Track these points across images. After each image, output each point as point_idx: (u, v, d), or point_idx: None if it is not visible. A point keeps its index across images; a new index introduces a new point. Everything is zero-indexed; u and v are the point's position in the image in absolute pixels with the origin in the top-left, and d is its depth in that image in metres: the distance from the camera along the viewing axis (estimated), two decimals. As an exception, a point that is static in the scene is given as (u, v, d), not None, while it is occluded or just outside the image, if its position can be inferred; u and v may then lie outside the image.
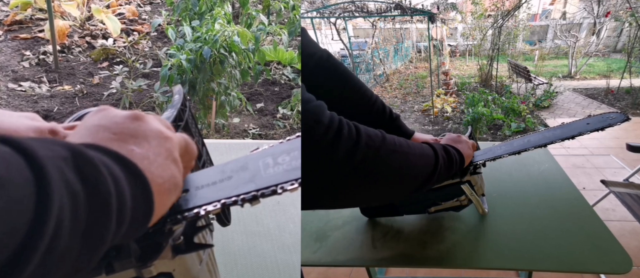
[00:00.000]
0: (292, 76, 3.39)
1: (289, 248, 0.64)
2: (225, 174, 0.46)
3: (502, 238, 0.88)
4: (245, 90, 3.27)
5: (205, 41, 2.26)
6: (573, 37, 8.45)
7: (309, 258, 0.88)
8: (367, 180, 0.49)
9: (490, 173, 1.17)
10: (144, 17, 4.07)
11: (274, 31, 2.67)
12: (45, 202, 0.21)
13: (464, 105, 5.47)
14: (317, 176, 0.46)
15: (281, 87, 3.37)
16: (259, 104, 3.15)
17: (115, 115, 0.35)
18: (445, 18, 8.74)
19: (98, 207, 0.25)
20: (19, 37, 3.56)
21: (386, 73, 8.57)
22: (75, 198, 0.23)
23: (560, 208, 0.99)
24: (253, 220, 0.71)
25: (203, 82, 2.29)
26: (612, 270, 0.77)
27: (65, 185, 0.23)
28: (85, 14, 3.86)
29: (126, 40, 3.66)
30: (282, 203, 0.75)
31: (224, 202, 0.43)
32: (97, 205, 0.25)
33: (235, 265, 0.63)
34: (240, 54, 2.36)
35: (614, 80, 6.36)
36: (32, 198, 0.20)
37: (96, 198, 0.25)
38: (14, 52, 3.41)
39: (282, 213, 0.72)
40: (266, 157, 0.46)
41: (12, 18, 3.70)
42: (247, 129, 2.89)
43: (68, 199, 0.23)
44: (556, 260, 0.80)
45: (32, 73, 3.22)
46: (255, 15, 2.80)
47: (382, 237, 0.93)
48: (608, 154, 3.53)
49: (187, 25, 2.40)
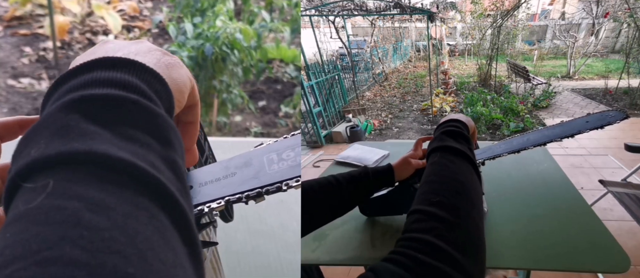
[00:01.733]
0: (295, 74, 3.38)
1: (292, 247, 0.65)
2: (229, 170, 0.46)
3: (501, 237, 0.89)
4: (247, 88, 3.26)
5: (207, 38, 2.26)
6: (572, 38, 8.46)
7: (308, 256, 0.89)
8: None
9: (489, 172, 1.18)
10: (145, 13, 4.06)
11: (276, 28, 2.66)
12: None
13: (463, 105, 5.48)
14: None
15: (283, 85, 3.37)
16: (261, 102, 3.15)
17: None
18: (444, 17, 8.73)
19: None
20: (18, 33, 3.56)
21: (385, 72, 8.56)
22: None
23: (559, 207, 1.00)
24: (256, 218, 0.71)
25: (205, 79, 2.29)
26: (610, 269, 0.78)
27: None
28: (85, 10, 3.85)
29: (127, 36, 3.65)
30: (286, 201, 0.75)
31: (228, 199, 0.43)
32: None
33: (238, 263, 0.63)
34: (242, 51, 2.36)
35: (612, 81, 6.37)
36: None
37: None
38: (13, 48, 3.41)
39: (286, 212, 0.72)
40: (270, 152, 0.46)
41: (12, 14, 3.68)
42: (249, 127, 2.89)
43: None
44: (554, 259, 0.81)
45: (31, 69, 3.22)
46: (257, 12, 2.80)
47: (381, 236, 0.94)
48: (606, 154, 3.54)
49: (189, 22, 2.40)
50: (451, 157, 0.59)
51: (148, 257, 0.20)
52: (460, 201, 0.49)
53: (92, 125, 0.24)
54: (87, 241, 0.18)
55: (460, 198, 0.50)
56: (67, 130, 0.23)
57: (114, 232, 0.19)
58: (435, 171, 0.57)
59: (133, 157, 0.23)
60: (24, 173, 0.22)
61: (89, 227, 0.19)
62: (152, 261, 0.20)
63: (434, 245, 0.42)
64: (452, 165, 0.58)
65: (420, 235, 0.44)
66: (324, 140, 4.54)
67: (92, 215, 0.20)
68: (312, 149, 4.38)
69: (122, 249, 0.19)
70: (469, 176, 0.56)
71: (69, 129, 0.23)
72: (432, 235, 0.43)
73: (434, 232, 0.44)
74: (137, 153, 0.24)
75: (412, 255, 0.41)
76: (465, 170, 0.57)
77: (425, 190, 0.53)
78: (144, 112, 0.26)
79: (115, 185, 0.22)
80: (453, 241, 0.43)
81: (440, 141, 0.64)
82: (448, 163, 0.58)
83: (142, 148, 0.24)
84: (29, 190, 0.21)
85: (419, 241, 0.43)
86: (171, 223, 0.23)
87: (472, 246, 0.44)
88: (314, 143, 4.51)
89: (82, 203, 0.20)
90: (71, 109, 0.25)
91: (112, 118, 0.25)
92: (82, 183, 0.21)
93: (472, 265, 0.42)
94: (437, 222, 0.45)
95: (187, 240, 0.23)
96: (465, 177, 0.55)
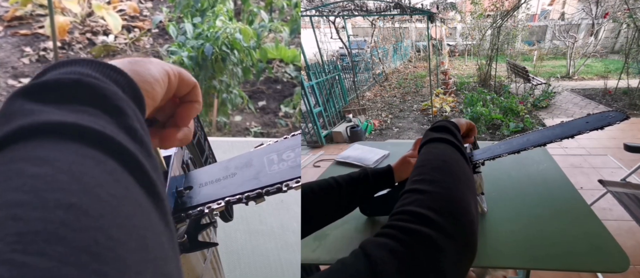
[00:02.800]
0: (294, 74, 3.39)
1: (292, 247, 0.65)
2: (229, 171, 0.46)
3: (501, 237, 0.89)
4: (247, 88, 3.27)
5: (207, 38, 2.26)
6: (571, 38, 8.46)
7: (308, 256, 0.89)
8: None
9: (489, 172, 1.18)
10: (145, 13, 4.06)
11: (276, 28, 2.67)
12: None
13: (463, 105, 5.48)
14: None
15: (283, 85, 3.37)
16: (261, 101, 3.15)
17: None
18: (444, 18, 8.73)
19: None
20: (19, 33, 3.56)
21: (385, 72, 8.56)
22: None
23: (559, 207, 1.00)
24: (256, 218, 0.71)
25: (204, 79, 2.29)
26: (609, 269, 0.78)
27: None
28: (85, 10, 3.85)
29: (127, 37, 3.65)
30: (285, 201, 0.75)
31: (228, 200, 0.43)
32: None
33: (238, 263, 0.63)
34: (242, 51, 2.36)
35: (612, 81, 6.37)
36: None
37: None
38: (13, 48, 3.41)
39: (285, 212, 0.72)
40: (271, 153, 0.46)
41: (12, 14, 3.69)
42: (248, 127, 2.89)
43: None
44: (554, 258, 0.81)
45: (32, 69, 3.22)
46: (257, 12, 2.80)
47: (382, 235, 0.94)
48: (605, 154, 3.54)
49: (189, 22, 2.40)
50: (435, 144, 0.63)
51: (95, 191, 0.20)
52: (442, 174, 0.52)
53: (36, 105, 0.24)
54: (29, 186, 0.19)
55: (441, 172, 0.52)
56: (11, 115, 0.24)
57: (58, 175, 0.20)
58: (421, 158, 0.60)
59: (76, 120, 0.23)
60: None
61: (32, 176, 0.19)
62: (99, 193, 0.20)
63: (416, 213, 0.44)
64: (435, 149, 0.61)
65: (404, 208, 0.46)
66: (324, 140, 4.54)
67: (35, 168, 0.20)
68: (312, 149, 4.38)
69: (66, 187, 0.19)
70: (450, 154, 0.59)
71: (13, 113, 0.24)
72: (414, 205, 0.45)
73: (416, 203, 0.46)
74: (82, 118, 0.24)
75: (396, 224, 0.43)
76: (446, 150, 0.60)
77: (412, 175, 0.55)
78: (88, 88, 0.26)
79: (60, 143, 0.22)
80: (433, 207, 0.44)
81: (426, 137, 0.68)
82: (431, 150, 0.62)
83: (88, 116, 0.24)
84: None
85: (402, 213, 0.45)
86: (122, 168, 0.23)
87: (455, 210, 0.45)
88: (314, 144, 4.51)
89: (27, 162, 0.20)
90: (15, 99, 0.25)
91: (55, 97, 0.25)
92: (26, 149, 0.21)
93: (456, 228, 0.43)
94: (419, 194, 0.48)
95: (142, 181, 0.23)
96: (446, 155, 0.58)
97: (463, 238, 0.43)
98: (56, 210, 0.18)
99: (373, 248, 0.40)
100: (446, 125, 0.70)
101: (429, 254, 0.40)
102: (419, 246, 0.40)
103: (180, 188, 0.44)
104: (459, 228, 0.44)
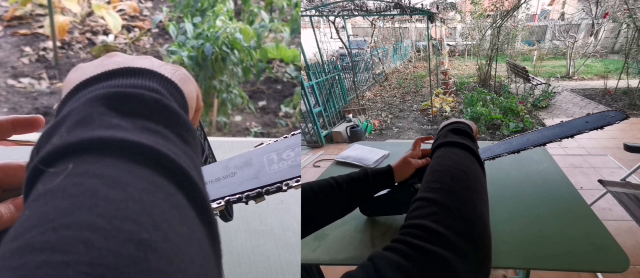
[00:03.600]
0: (295, 74, 3.39)
1: (292, 247, 0.65)
2: (229, 170, 0.46)
3: (501, 237, 0.89)
4: (247, 88, 3.26)
5: (207, 38, 2.26)
6: (571, 38, 8.46)
7: (308, 256, 0.89)
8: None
9: (489, 172, 1.17)
10: (145, 13, 4.06)
11: (276, 28, 2.67)
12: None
13: (463, 105, 5.48)
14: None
15: (284, 85, 3.37)
16: (261, 101, 3.15)
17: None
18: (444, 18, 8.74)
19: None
20: (18, 32, 3.55)
21: (385, 72, 8.56)
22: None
23: (558, 207, 1.00)
24: (256, 218, 0.71)
25: (204, 79, 2.29)
26: (609, 269, 0.78)
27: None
28: (85, 10, 3.85)
29: (127, 36, 3.65)
30: (285, 201, 0.75)
31: (228, 199, 0.43)
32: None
33: (238, 264, 0.63)
34: (242, 51, 2.36)
35: (612, 81, 6.38)
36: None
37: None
38: (13, 48, 3.41)
39: (285, 212, 0.72)
40: (270, 152, 0.46)
41: (12, 13, 3.68)
42: (249, 127, 2.89)
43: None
44: (554, 258, 0.81)
45: (31, 69, 3.21)
46: (257, 12, 2.80)
47: (382, 235, 0.94)
48: (605, 154, 3.54)
49: (189, 22, 2.40)
50: (454, 150, 0.61)
51: (163, 227, 0.20)
52: (460, 186, 0.49)
53: (115, 116, 0.24)
54: (102, 209, 0.19)
55: (460, 183, 0.50)
56: (90, 120, 0.24)
57: (129, 203, 0.20)
58: (438, 162, 0.57)
59: (153, 143, 0.24)
60: (46, 161, 0.22)
61: (105, 198, 0.20)
62: (167, 231, 0.20)
63: (432, 230, 0.41)
64: (454, 156, 0.59)
65: (419, 221, 0.43)
66: (324, 140, 4.54)
67: (108, 189, 0.20)
68: (312, 149, 4.38)
69: (137, 218, 0.19)
70: (470, 165, 0.56)
71: (92, 119, 0.24)
72: (430, 220, 0.42)
73: (432, 217, 0.43)
74: (157, 141, 0.24)
75: (410, 242, 0.40)
76: (467, 160, 0.57)
77: (428, 179, 0.52)
78: (165, 110, 0.27)
79: (133, 166, 0.22)
80: (451, 225, 0.42)
81: (445, 137, 0.65)
82: (450, 155, 0.59)
83: (162, 139, 0.25)
84: (51, 174, 0.22)
85: (417, 227, 0.42)
86: (188, 203, 0.23)
87: (471, 230, 0.43)
88: (314, 143, 4.51)
89: (100, 180, 0.21)
90: (95, 102, 0.25)
91: (134, 112, 0.25)
92: (100, 165, 0.22)
93: (472, 250, 0.41)
94: (435, 207, 0.45)
95: (204, 220, 0.24)
96: (466, 166, 0.55)
97: (479, 261, 0.41)
98: (127, 244, 0.18)
99: (384, 266, 0.38)
100: (466, 129, 0.68)
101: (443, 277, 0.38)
102: (432, 268, 0.38)
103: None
104: (477, 252, 0.41)
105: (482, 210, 0.47)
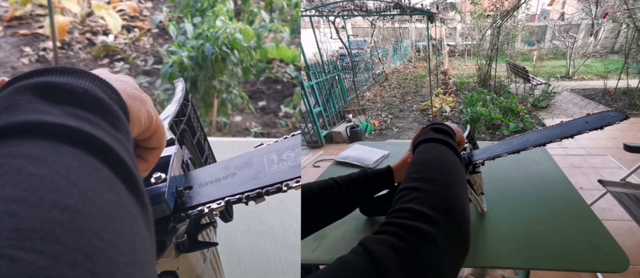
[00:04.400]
0: (295, 74, 3.39)
1: (292, 247, 0.65)
2: (229, 171, 0.46)
3: (501, 237, 0.89)
4: (247, 88, 3.27)
5: (207, 38, 2.26)
6: (571, 38, 8.46)
7: (308, 256, 0.89)
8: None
9: (489, 172, 1.18)
10: (145, 13, 4.06)
11: (276, 28, 2.67)
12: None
13: (463, 105, 5.48)
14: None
15: (283, 85, 3.37)
16: (261, 102, 3.15)
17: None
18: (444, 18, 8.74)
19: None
20: (18, 33, 3.56)
21: (385, 72, 8.56)
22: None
23: (558, 207, 1.00)
24: (256, 218, 0.71)
25: (204, 79, 2.29)
26: (609, 269, 0.78)
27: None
28: (85, 10, 3.85)
29: (127, 36, 3.65)
30: (285, 202, 0.75)
31: (228, 200, 0.43)
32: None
33: (238, 264, 0.63)
34: (242, 51, 2.36)
35: (611, 81, 6.38)
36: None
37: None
38: (13, 48, 3.41)
39: (285, 212, 0.72)
40: (270, 153, 0.46)
41: (12, 14, 3.69)
42: (249, 127, 2.89)
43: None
44: (554, 258, 0.81)
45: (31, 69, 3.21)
46: (257, 12, 2.80)
47: (382, 234, 0.94)
48: (605, 154, 3.54)
49: (189, 22, 2.40)
50: (434, 145, 0.65)
51: (89, 195, 0.20)
52: (439, 174, 0.54)
53: (42, 103, 0.25)
54: (27, 184, 0.19)
55: (439, 171, 0.55)
56: (17, 106, 0.24)
57: (54, 176, 0.20)
58: (419, 156, 0.62)
59: (79, 126, 0.24)
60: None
61: (30, 174, 0.20)
62: (93, 197, 0.20)
63: (414, 210, 0.46)
64: (434, 150, 0.63)
65: (403, 205, 0.48)
66: (324, 140, 4.54)
67: (33, 167, 0.20)
68: (312, 149, 4.38)
69: (63, 188, 0.20)
70: (449, 156, 0.61)
71: (19, 105, 0.24)
72: (413, 203, 0.47)
73: (415, 200, 0.48)
74: (83, 125, 0.24)
75: (395, 222, 0.45)
76: (446, 153, 0.62)
77: (409, 171, 0.57)
78: (94, 99, 0.27)
79: (59, 146, 0.22)
80: (432, 205, 0.47)
81: (426, 135, 0.69)
82: (430, 150, 0.63)
83: (90, 125, 0.25)
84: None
85: (401, 210, 0.47)
86: (115, 176, 0.23)
87: (449, 208, 0.47)
88: (314, 144, 4.51)
89: (24, 159, 0.21)
90: (22, 91, 0.25)
91: (62, 100, 0.26)
92: (26, 146, 0.22)
93: (452, 225, 0.46)
94: (417, 192, 0.49)
95: (132, 188, 0.24)
96: (445, 157, 0.60)
97: (459, 234, 0.46)
98: (52, 210, 0.18)
99: (374, 245, 0.42)
100: (445, 129, 0.72)
101: (427, 248, 0.42)
102: (418, 240, 0.42)
103: (180, 188, 0.44)
104: (455, 225, 0.46)
105: (459, 192, 0.52)
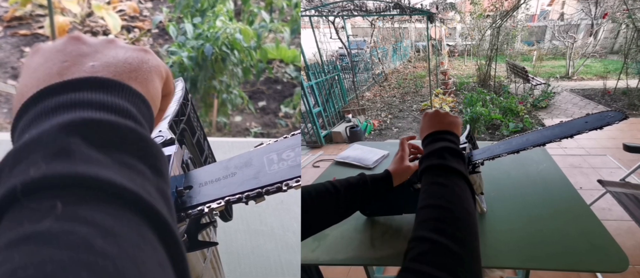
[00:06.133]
0: (295, 74, 3.39)
1: (292, 247, 0.65)
2: (229, 170, 0.46)
3: (500, 237, 0.89)
4: (247, 88, 3.27)
5: (207, 38, 2.26)
6: (571, 38, 8.47)
7: (307, 256, 0.89)
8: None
9: (488, 172, 1.18)
10: (145, 13, 4.06)
11: (276, 28, 2.67)
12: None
13: (462, 105, 5.48)
14: None
15: (283, 86, 3.37)
16: (261, 102, 3.15)
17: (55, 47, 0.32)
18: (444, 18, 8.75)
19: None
20: (18, 33, 3.55)
21: (385, 72, 8.56)
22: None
23: (558, 207, 1.00)
24: (256, 218, 0.71)
25: (204, 79, 2.29)
26: (609, 269, 0.78)
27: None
28: (85, 10, 3.85)
29: (127, 37, 3.65)
30: (285, 202, 0.75)
31: (228, 199, 0.43)
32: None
33: (238, 264, 0.63)
34: (242, 51, 2.36)
35: (611, 81, 6.38)
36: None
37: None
38: (13, 48, 3.40)
39: (285, 212, 0.72)
40: (270, 152, 0.46)
41: (12, 14, 3.68)
42: (249, 127, 2.89)
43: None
44: (553, 259, 0.81)
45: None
46: (257, 12, 2.80)
47: (381, 235, 0.94)
48: (605, 154, 3.55)
49: (189, 22, 2.40)
50: (454, 180, 0.61)
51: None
52: (469, 234, 0.52)
53: (93, 150, 0.24)
54: (100, 268, 0.19)
55: (469, 231, 0.52)
56: (69, 153, 0.23)
57: (124, 260, 0.20)
58: (441, 193, 0.58)
59: (135, 186, 0.24)
60: (25, 191, 0.22)
61: (102, 254, 0.20)
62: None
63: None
64: (457, 188, 0.60)
65: (436, 273, 0.46)
66: (324, 140, 4.54)
67: (103, 242, 0.20)
68: (312, 149, 4.38)
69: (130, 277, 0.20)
70: (471, 202, 0.58)
71: (70, 152, 0.23)
72: (447, 273, 0.46)
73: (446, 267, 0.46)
74: (136, 181, 0.24)
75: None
76: (468, 196, 0.59)
77: (435, 215, 0.54)
78: (140, 141, 0.27)
79: (121, 213, 0.22)
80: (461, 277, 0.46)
81: (441, 158, 0.65)
82: (453, 188, 0.60)
83: (139, 177, 0.25)
84: (33, 210, 0.21)
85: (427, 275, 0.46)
86: (168, 257, 0.24)
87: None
88: (313, 144, 4.51)
89: (92, 228, 0.20)
90: (72, 131, 0.24)
91: (112, 144, 0.25)
92: (89, 208, 0.21)
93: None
94: (450, 258, 0.48)
95: (180, 272, 0.25)
96: (469, 204, 0.57)
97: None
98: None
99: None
100: (459, 151, 0.68)
101: None
102: None
103: (180, 187, 0.44)
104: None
105: (479, 253, 0.51)
